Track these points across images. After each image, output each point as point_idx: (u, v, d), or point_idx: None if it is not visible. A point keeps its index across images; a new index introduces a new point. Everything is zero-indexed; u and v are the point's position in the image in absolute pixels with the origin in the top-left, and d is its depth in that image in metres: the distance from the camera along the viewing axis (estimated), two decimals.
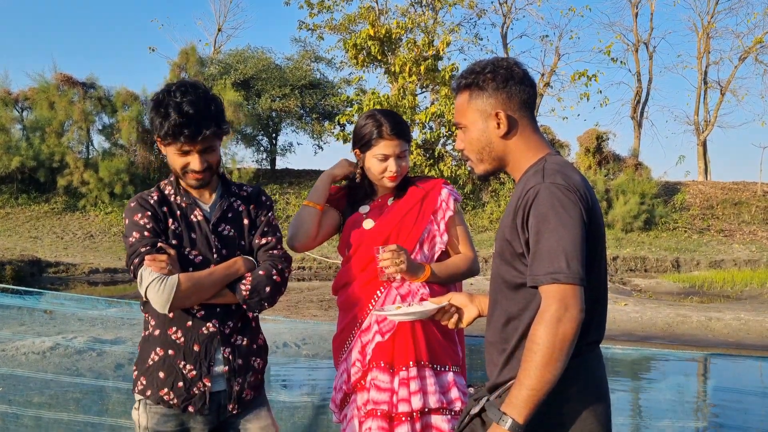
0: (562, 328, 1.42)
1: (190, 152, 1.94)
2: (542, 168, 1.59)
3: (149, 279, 1.84)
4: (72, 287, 12.90)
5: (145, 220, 1.93)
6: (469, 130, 1.72)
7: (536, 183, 1.54)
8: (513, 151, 1.70)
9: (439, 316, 1.96)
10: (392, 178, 2.28)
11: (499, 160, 1.72)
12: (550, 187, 1.51)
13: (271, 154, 26.69)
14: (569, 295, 1.44)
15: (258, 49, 25.99)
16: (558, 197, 1.50)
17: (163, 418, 1.93)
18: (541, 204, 1.50)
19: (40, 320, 7.67)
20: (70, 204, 21.62)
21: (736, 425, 4.43)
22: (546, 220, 1.49)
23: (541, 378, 1.43)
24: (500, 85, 1.66)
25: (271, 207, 2.15)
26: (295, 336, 6.61)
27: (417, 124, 21.21)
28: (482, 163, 1.74)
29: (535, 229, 1.50)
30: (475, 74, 1.69)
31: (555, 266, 1.45)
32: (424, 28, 22.51)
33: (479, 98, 1.68)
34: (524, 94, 1.67)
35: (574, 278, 1.44)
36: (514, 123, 1.67)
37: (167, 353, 1.93)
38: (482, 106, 1.68)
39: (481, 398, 1.67)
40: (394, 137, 2.24)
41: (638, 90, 29.50)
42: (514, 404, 1.45)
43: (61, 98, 22.28)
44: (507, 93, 1.66)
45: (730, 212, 22.30)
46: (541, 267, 1.47)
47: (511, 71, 1.67)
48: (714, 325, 8.20)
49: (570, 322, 1.43)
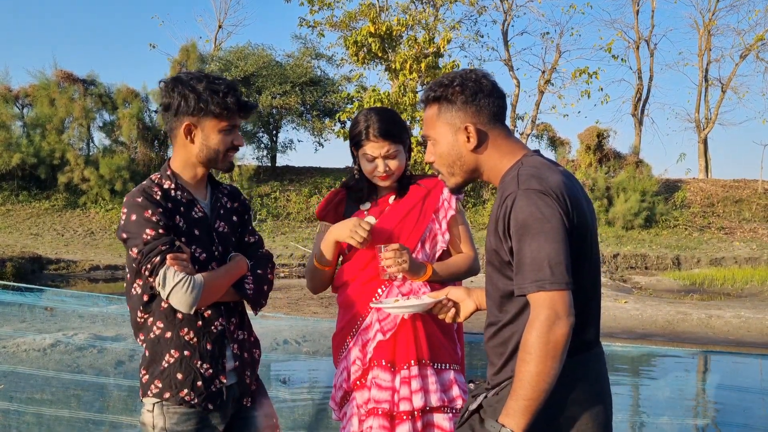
0: (552, 335, 1.43)
1: (234, 128, 1.96)
2: (517, 174, 1.58)
3: (175, 279, 1.80)
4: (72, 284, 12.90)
5: (157, 217, 1.86)
6: (438, 143, 1.72)
7: (512, 190, 1.54)
8: (485, 162, 1.70)
9: (437, 310, 1.97)
10: (383, 178, 2.27)
11: (471, 173, 1.72)
12: (526, 193, 1.51)
13: (271, 151, 26.69)
14: (557, 301, 1.44)
15: (258, 46, 25.97)
16: (535, 203, 1.49)
17: (183, 417, 1.92)
18: (519, 212, 1.50)
19: (40, 317, 7.68)
20: (71, 201, 21.63)
21: (736, 423, 4.43)
22: (525, 228, 1.49)
23: (536, 387, 1.43)
24: (469, 98, 1.66)
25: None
26: (295, 333, 6.62)
27: (418, 121, 21.20)
28: (453, 177, 1.74)
29: (516, 238, 1.50)
30: (443, 87, 1.68)
31: (539, 274, 1.45)
32: (425, 25, 22.48)
33: (448, 112, 1.68)
34: (494, 107, 1.67)
35: (560, 284, 1.45)
36: (484, 136, 1.67)
37: (183, 354, 1.92)
38: (451, 119, 1.68)
39: (480, 395, 1.68)
40: (379, 139, 2.22)
41: (639, 87, 29.46)
42: (512, 415, 1.46)
43: (62, 95, 22.28)
44: (476, 106, 1.66)
45: (731, 210, 22.30)
46: (526, 276, 1.47)
47: (480, 84, 1.67)
48: (714, 322, 8.21)
49: (561, 329, 1.43)
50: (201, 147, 1.95)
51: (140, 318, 1.96)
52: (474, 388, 1.76)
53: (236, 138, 1.98)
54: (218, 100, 1.89)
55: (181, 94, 1.91)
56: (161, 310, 1.92)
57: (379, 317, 2.19)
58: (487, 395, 1.65)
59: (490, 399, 1.63)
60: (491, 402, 1.62)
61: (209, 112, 1.90)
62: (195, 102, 1.89)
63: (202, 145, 1.95)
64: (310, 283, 2.39)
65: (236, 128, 1.98)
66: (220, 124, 1.93)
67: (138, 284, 1.94)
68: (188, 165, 2.00)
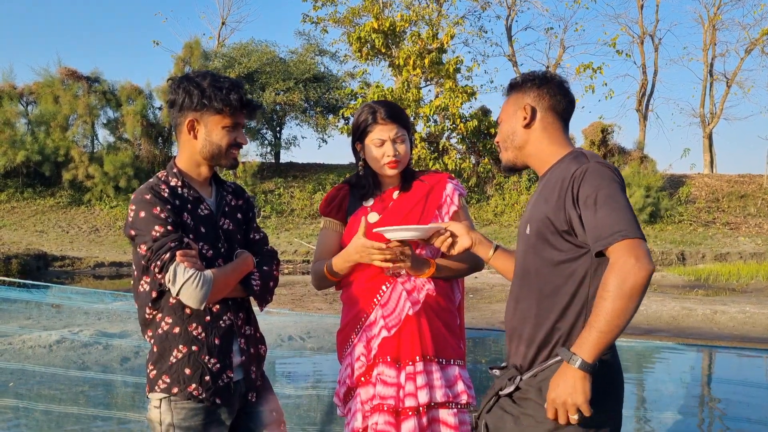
0: (632, 277, 1.51)
1: (238, 126, 1.99)
2: (581, 153, 1.75)
3: (186, 276, 1.81)
4: (77, 281, 12.95)
5: (165, 214, 1.87)
6: (503, 121, 1.92)
7: (581, 164, 1.68)
8: (533, 143, 1.85)
9: (435, 238, 2.08)
10: (392, 165, 2.25)
11: (519, 150, 1.88)
12: (598, 166, 1.66)
13: (275, 147, 26.71)
14: (638, 248, 1.53)
15: (262, 42, 25.98)
16: (607, 174, 1.64)
17: (191, 412, 1.93)
18: (593, 178, 1.63)
19: (46, 314, 7.72)
20: (76, 198, 21.70)
21: (741, 418, 4.43)
22: (601, 189, 1.60)
23: (611, 322, 1.51)
24: (536, 85, 1.86)
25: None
26: (300, 329, 6.64)
27: (421, 117, 21.17)
28: (506, 152, 1.91)
29: (592, 200, 1.60)
30: (523, 78, 1.90)
31: (620, 226, 1.55)
32: (429, 20, 22.42)
33: (517, 95, 1.89)
34: (555, 100, 1.85)
35: (639, 234, 1.55)
36: (538, 118, 1.84)
37: (191, 349, 1.93)
38: (517, 100, 1.88)
39: (513, 377, 1.75)
40: (388, 121, 2.25)
41: (643, 82, 29.36)
42: (584, 345, 1.55)
43: (66, 92, 22.32)
44: (540, 92, 1.85)
45: (736, 205, 22.22)
46: (606, 230, 1.56)
47: (551, 80, 1.88)
48: (719, 318, 8.20)
49: (641, 271, 1.51)
50: (204, 142, 1.97)
51: (148, 314, 1.97)
52: (500, 374, 1.82)
53: (239, 136, 2.00)
54: (221, 96, 1.91)
55: (186, 90, 1.94)
56: (170, 306, 1.93)
57: (383, 314, 2.19)
58: (521, 377, 1.73)
59: (528, 380, 1.71)
60: (531, 383, 1.70)
61: (212, 108, 1.92)
62: (198, 97, 1.92)
63: (205, 141, 1.97)
64: (317, 283, 2.39)
65: (240, 126, 2.00)
66: (224, 120, 1.95)
67: (146, 281, 1.95)
68: (193, 162, 2.01)
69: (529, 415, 1.68)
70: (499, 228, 20.62)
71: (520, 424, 1.69)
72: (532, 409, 1.68)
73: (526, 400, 1.70)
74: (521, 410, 1.70)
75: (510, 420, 1.72)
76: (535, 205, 1.78)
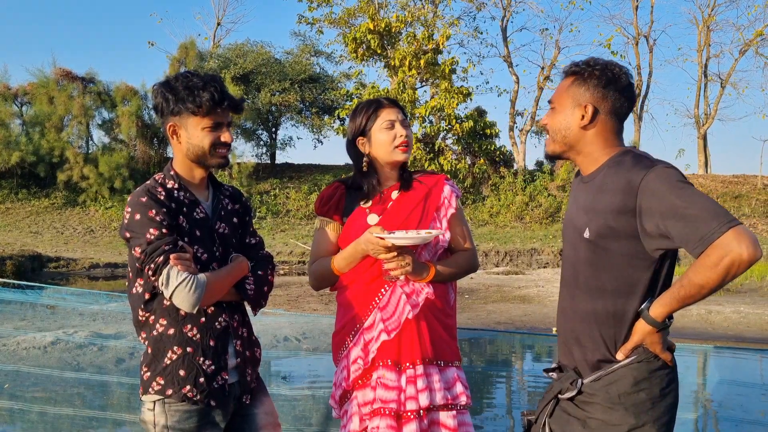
0: (733, 256, 1.48)
1: (221, 126, 1.96)
2: (640, 155, 1.70)
3: (179, 279, 1.81)
4: (72, 282, 12.91)
5: (160, 216, 1.86)
6: (557, 111, 1.83)
7: (645, 168, 1.63)
8: (587, 145, 1.79)
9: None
10: (403, 149, 2.26)
11: (569, 146, 1.82)
12: (667, 169, 1.62)
13: (270, 148, 26.69)
14: (744, 232, 1.50)
15: (257, 43, 26.02)
16: (678, 176, 1.61)
17: (185, 414, 1.92)
18: (668, 181, 1.59)
19: (41, 315, 7.69)
20: (70, 199, 21.64)
21: (735, 418, 4.45)
22: (682, 191, 1.57)
23: (690, 289, 1.56)
24: (601, 83, 1.76)
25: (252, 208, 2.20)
26: (295, 330, 6.63)
27: (417, 117, 21.19)
28: (554, 143, 1.85)
29: (677, 202, 1.56)
30: (585, 65, 1.80)
31: (719, 219, 1.51)
32: (424, 21, 22.45)
33: (578, 87, 1.79)
34: (618, 102, 1.77)
35: (737, 221, 1.51)
36: (598, 121, 1.77)
37: (185, 351, 1.92)
38: (577, 95, 1.79)
39: (575, 380, 1.75)
40: (392, 105, 2.30)
41: (638, 83, 29.43)
42: (658, 305, 1.62)
43: (61, 93, 22.28)
44: (603, 93, 1.76)
45: (730, 205, 22.31)
46: (704, 227, 1.51)
47: (617, 78, 1.77)
48: (714, 318, 8.23)
49: (743, 254, 1.48)
50: (187, 146, 1.97)
51: (142, 316, 1.96)
52: (558, 376, 1.82)
53: (222, 134, 1.97)
54: (191, 97, 1.90)
55: (163, 96, 1.93)
56: (164, 308, 1.92)
57: (383, 317, 2.17)
58: (583, 380, 1.73)
59: (591, 384, 1.71)
60: (595, 387, 1.70)
61: (187, 110, 1.91)
62: (173, 102, 1.91)
63: (188, 144, 1.96)
64: (317, 283, 2.37)
65: (223, 125, 1.97)
66: (202, 121, 1.93)
67: (139, 283, 1.94)
68: (185, 165, 2.01)
69: (597, 419, 1.68)
70: (494, 228, 20.65)
71: (588, 427, 1.69)
72: (600, 413, 1.68)
73: (591, 404, 1.69)
74: (587, 414, 1.70)
75: (577, 424, 1.71)
76: (593, 207, 1.72)
